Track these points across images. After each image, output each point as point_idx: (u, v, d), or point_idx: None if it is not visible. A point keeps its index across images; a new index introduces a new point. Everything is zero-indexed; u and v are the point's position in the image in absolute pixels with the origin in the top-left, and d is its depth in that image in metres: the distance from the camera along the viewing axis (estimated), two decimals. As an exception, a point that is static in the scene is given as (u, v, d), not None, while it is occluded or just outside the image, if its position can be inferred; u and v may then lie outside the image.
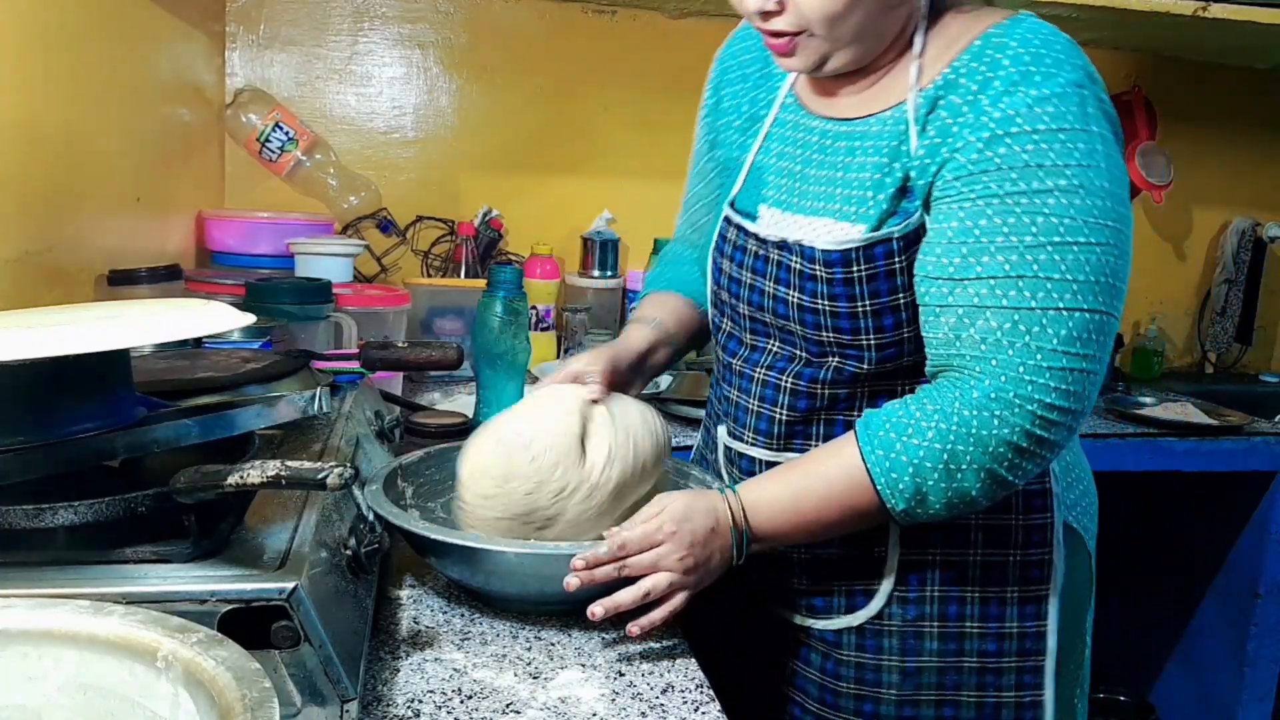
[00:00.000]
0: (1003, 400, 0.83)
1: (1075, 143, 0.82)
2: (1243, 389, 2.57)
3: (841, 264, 0.91)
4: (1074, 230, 0.82)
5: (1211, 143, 2.62)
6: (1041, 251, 0.82)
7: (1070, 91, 0.83)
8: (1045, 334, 0.83)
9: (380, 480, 0.97)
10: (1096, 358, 0.84)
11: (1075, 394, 0.83)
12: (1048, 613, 0.97)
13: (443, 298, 1.98)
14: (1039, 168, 0.82)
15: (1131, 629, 2.28)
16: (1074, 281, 0.82)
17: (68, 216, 1.30)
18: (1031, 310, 0.83)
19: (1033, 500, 0.97)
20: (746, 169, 1.03)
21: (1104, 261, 0.83)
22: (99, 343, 0.64)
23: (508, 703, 0.77)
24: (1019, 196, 0.83)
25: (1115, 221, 0.84)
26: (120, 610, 0.57)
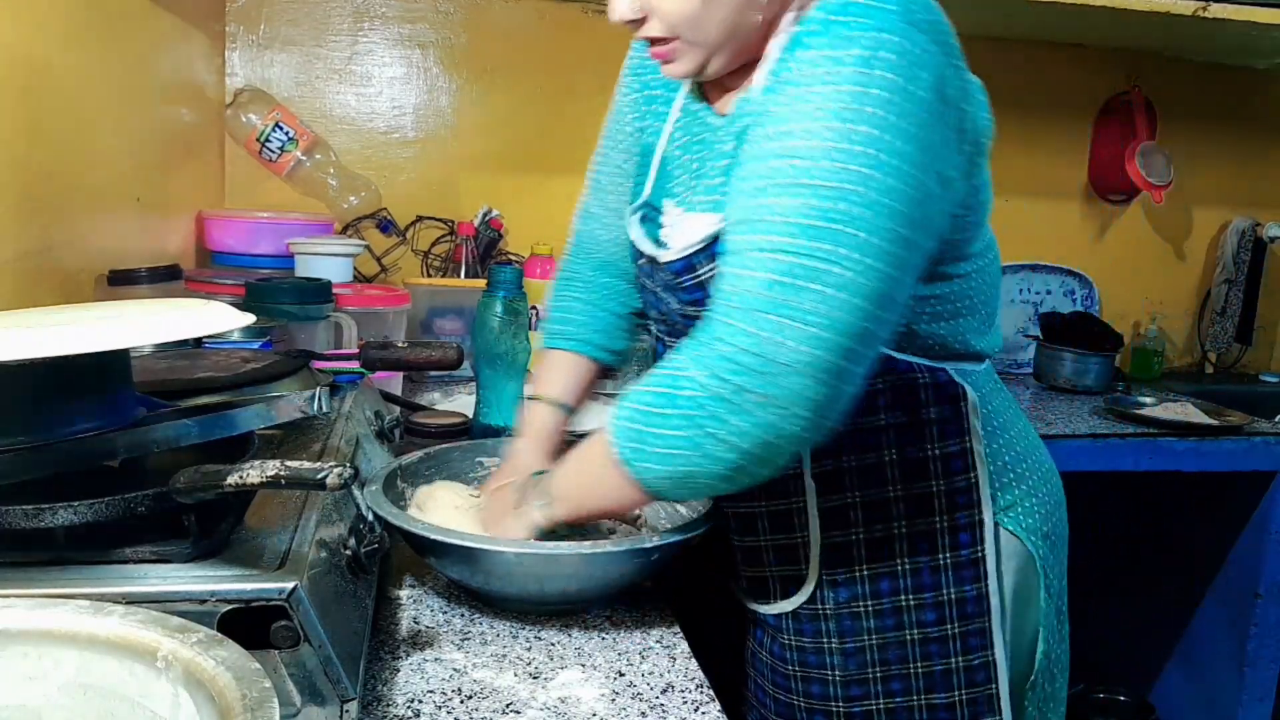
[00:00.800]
0: (702, 339, 0.79)
1: (842, 84, 0.76)
2: (1243, 389, 2.57)
3: (687, 271, 0.92)
4: (806, 172, 0.76)
5: (1211, 143, 2.63)
6: (767, 193, 0.78)
7: (863, 36, 0.77)
8: (748, 277, 0.78)
9: (380, 480, 0.97)
10: (810, 307, 0.76)
11: (777, 342, 0.76)
12: (986, 573, 0.95)
13: (443, 298, 1.98)
14: (794, 111, 0.78)
15: (1131, 629, 2.28)
16: (791, 223, 0.76)
17: (68, 216, 1.30)
18: (746, 252, 0.79)
19: (951, 462, 0.95)
20: (657, 161, 1.02)
21: (843, 206, 0.76)
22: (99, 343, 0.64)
23: (508, 703, 0.77)
24: (767, 141, 0.79)
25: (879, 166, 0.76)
26: (120, 610, 0.57)
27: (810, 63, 0.78)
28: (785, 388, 0.76)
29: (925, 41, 0.78)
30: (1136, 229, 2.66)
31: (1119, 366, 2.41)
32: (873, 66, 0.76)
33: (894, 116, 0.76)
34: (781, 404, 0.76)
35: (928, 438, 0.94)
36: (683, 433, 0.78)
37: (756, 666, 1.04)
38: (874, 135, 0.76)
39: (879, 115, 0.76)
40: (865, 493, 0.95)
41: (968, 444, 0.95)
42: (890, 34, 0.77)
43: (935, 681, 0.96)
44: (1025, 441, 1.03)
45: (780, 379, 0.76)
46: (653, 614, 0.95)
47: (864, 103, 0.76)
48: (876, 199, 0.76)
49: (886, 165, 0.76)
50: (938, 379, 0.94)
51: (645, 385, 0.83)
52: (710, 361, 0.78)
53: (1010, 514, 0.98)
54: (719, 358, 0.77)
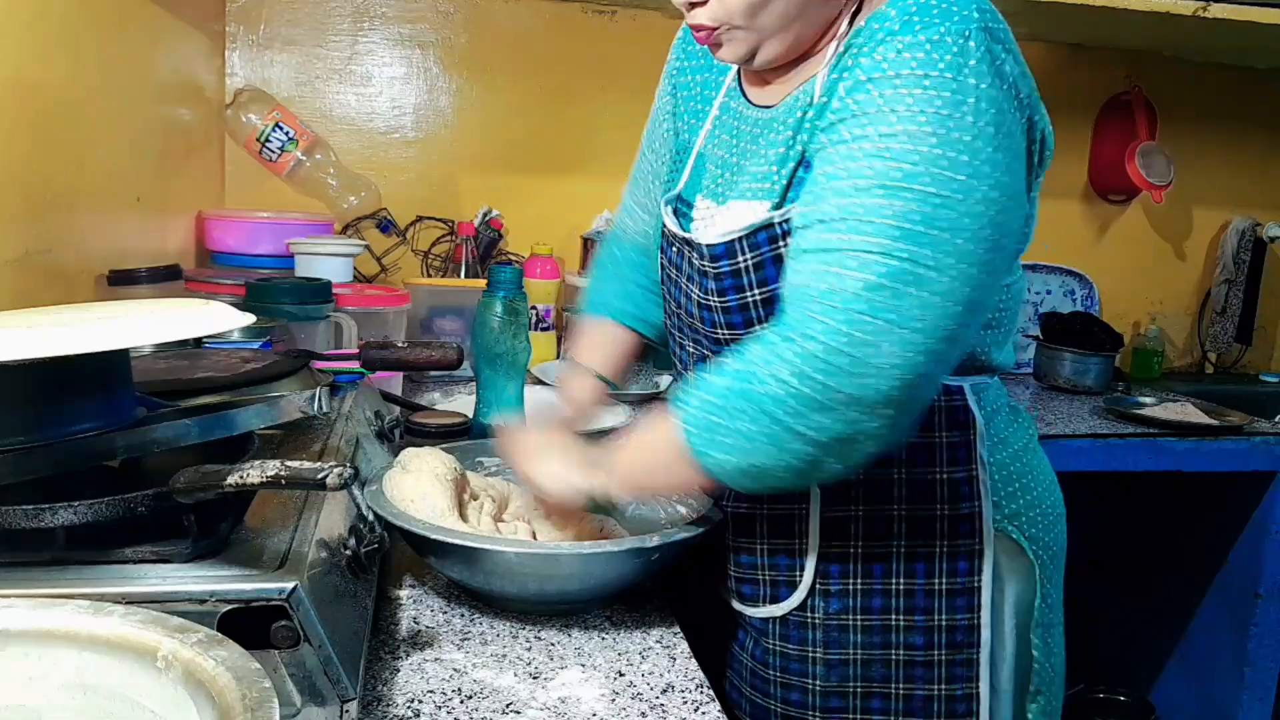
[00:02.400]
0: (786, 336, 0.78)
1: (941, 90, 0.77)
2: (1243, 389, 2.57)
3: (726, 256, 0.91)
4: (912, 176, 0.76)
5: (1211, 143, 2.63)
6: (869, 194, 0.77)
7: (949, 39, 0.77)
8: (849, 276, 0.77)
9: (380, 480, 0.97)
10: (909, 312, 0.76)
11: (872, 344, 0.75)
12: (980, 604, 0.95)
13: (443, 298, 1.98)
14: (891, 111, 0.77)
15: (1131, 629, 2.28)
16: (897, 226, 0.76)
17: (68, 216, 1.30)
18: (842, 251, 0.77)
19: (958, 488, 0.95)
20: (693, 158, 1.02)
21: (946, 211, 0.76)
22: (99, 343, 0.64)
23: (508, 703, 0.77)
24: (864, 140, 0.78)
25: (977, 174, 0.77)
26: (120, 610, 0.57)
27: (900, 63, 0.78)
28: (875, 389, 0.76)
29: (1001, 50, 0.80)
30: (1136, 229, 2.66)
31: (1119, 366, 2.41)
32: (965, 74, 0.77)
33: (989, 125, 0.77)
34: (868, 405, 0.77)
35: (937, 461, 0.94)
36: (760, 426, 0.78)
37: (735, 668, 1.04)
38: (973, 144, 0.77)
39: (976, 124, 0.77)
40: (869, 507, 0.95)
41: (975, 471, 0.95)
42: (975, 40, 0.78)
43: (915, 705, 0.96)
44: (1030, 455, 1.02)
45: (871, 381, 0.76)
46: (653, 614, 0.95)
47: (962, 110, 0.77)
48: (977, 206, 0.77)
49: (987, 174, 0.77)
50: (952, 402, 0.94)
51: (719, 375, 0.82)
52: (798, 358, 0.77)
53: (1015, 522, 0.98)
54: (809, 356, 0.77)
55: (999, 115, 0.78)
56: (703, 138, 1.02)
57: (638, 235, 1.17)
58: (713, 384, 0.82)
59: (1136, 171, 2.43)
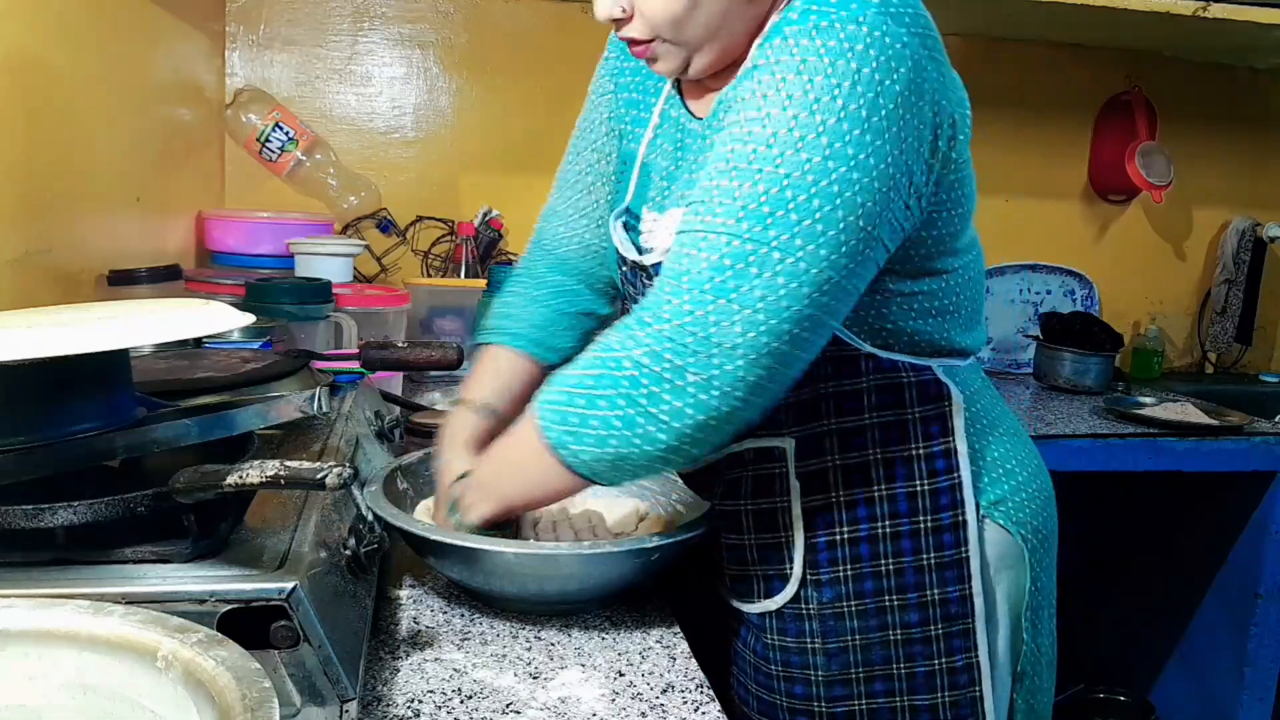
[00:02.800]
0: (639, 317, 0.79)
1: (814, 74, 0.76)
2: (1243, 389, 2.57)
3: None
4: (766, 158, 0.76)
5: (1211, 143, 2.63)
6: (725, 176, 0.78)
7: (838, 25, 0.77)
8: (698, 257, 0.78)
9: (380, 480, 0.97)
10: (752, 291, 0.76)
11: (716, 323, 0.76)
12: (969, 575, 0.95)
13: (443, 298, 1.98)
14: (762, 97, 0.78)
15: (1131, 629, 2.28)
16: (743, 207, 0.76)
17: (68, 216, 1.30)
18: (695, 233, 0.78)
19: (935, 462, 0.94)
20: (637, 169, 1.02)
21: (798, 193, 0.76)
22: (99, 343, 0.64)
23: (508, 703, 0.77)
24: (733, 126, 0.79)
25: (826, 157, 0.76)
26: (120, 610, 0.57)
27: (784, 50, 0.78)
28: (724, 370, 0.76)
29: (904, 34, 0.78)
30: (1136, 229, 2.66)
31: (1119, 366, 2.41)
32: (847, 58, 0.76)
33: (863, 108, 0.76)
34: (719, 386, 0.77)
35: (911, 437, 0.94)
36: (618, 411, 0.78)
37: (739, 665, 1.04)
38: (839, 126, 0.76)
39: (847, 107, 0.76)
40: (849, 492, 0.95)
41: (951, 444, 0.95)
42: (868, 25, 0.77)
43: (918, 683, 0.96)
44: (1013, 438, 1.02)
45: (719, 361, 0.76)
46: (653, 614, 0.95)
47: (833, 93, 0.76)
48: (832, 189, 0.76)
49: (847, 156, 0.76)
50: (922, 378, 0.94)
51: (576, 367, 0.82)
52: (650, 339, 0.78)
53: (1000, 508, 0.98)
54: (659, 336, 0.77)
55: (879, 98, 0.77)
56: (644, 148, 1.01)
57: (570, 242, 1.12)
58: (570, 374, 0.82)
59: (1136, 171, 2.43)
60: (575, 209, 1.12)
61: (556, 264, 1.14)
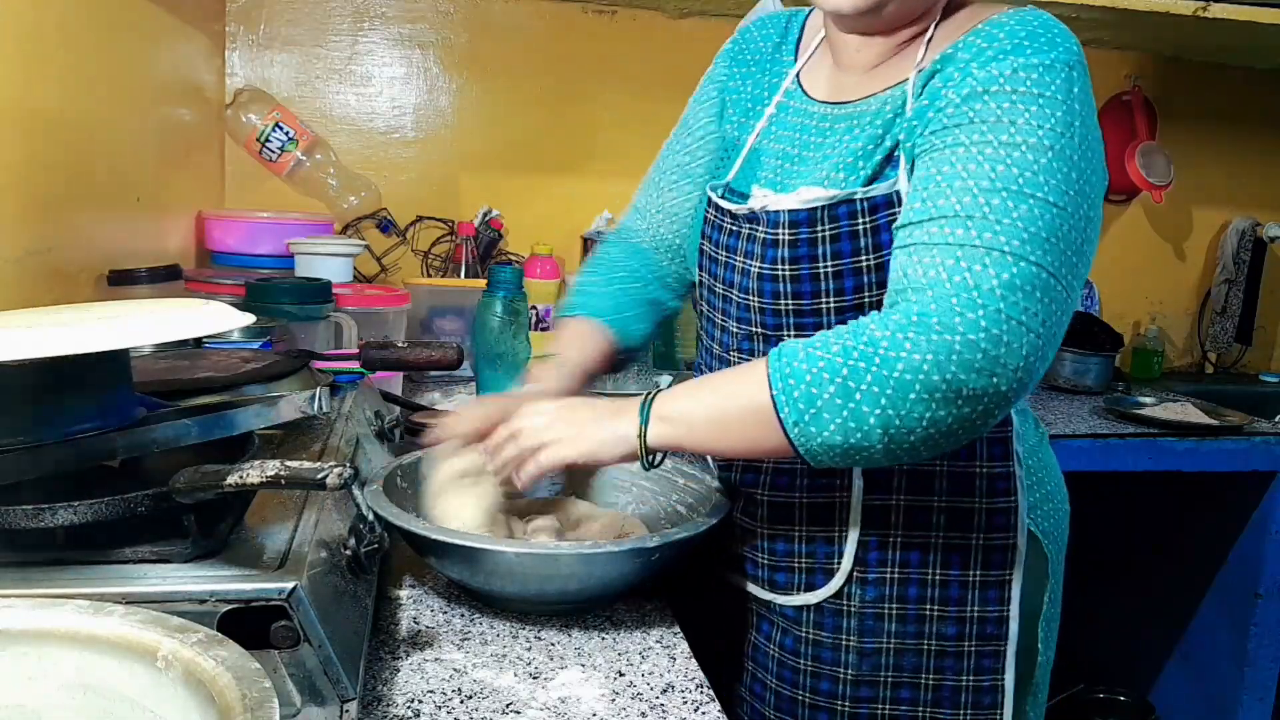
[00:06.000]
0: (923, 324, 0.78)
1: (1054, 110, 0.82)
2: (1243, 389, 2.58)
3: (806, 223, 0.92)
4: (1034, 185, 0.80)
5: (1211, 143, 2.63)
6: (996, 196, 0.80)
7: (1058, 65, 0.83)
8: (986, 273, 0.78)
9: (380, 480, 0.97)
10: (1036, 315, 0.78)
11: (1006, 344, 0.77)
12: (1010, 597, 0.97)
13: (443, 298, 1.98)
14: (1011, 123, 0.82)
15: (1131, 629, 2.28)
16: (1025, 230, 0.79)
17: (68, 216, 1.30)
18: (976, 248, 0.79)
19: (996, 483, 0.96)
20: (745, 152, 1.04)
21: (1061, 223, 0.80)
22: (99, 343, 0.64)
23: (508, 703, 0.77)
24: (985, 145, 0.82)
25: (1080, 194, 0.81)
26: (120, 610, 0.57)
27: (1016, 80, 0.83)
28: (996, 388, 0.78)
29: (1089, 85, 0.85)
30: (1136, 229, 2.66)
31: (1119, 366, 2.41)
32: (1070, 97, 0.83)
33: (1090, 148, 0.83)
34: (986, 403, 0.78)
35: (978, 455, 0.96)
36: (876, 411, 0.78)
37: (758, 660, 1.04)
38: (1079, 163, 0.82)
39: (1081, 145, 0.82)
40: (911, 498, 0.96)
41: (1012, 468, 0.97)
42: (1076, 70, 0.84)
43: (944, 696, 0.97)
44: (1043, 451, 1.04)
45: (996, 379, 0.78)
46: (653, 614, 0.95)
47: (1070, 130, 0.82)
48: (1081, 222, 0.82)
49: (1087, 193, 0.82)
50: None
51: (829, 349, 0.80)
52: (938, 349, 0.77)
53: (1031, 515, 0.99)
54: (948, 346, 0.77)
55: (1095, 143, 0.84)
56: (755, 134, 1.04)
57: (644, 235, 1.17)
58: (821, 356, 0.80)
59: (1136, 171, 2.43)
60: (658, 208, 1.16)
61: (632, 251, 1.18)
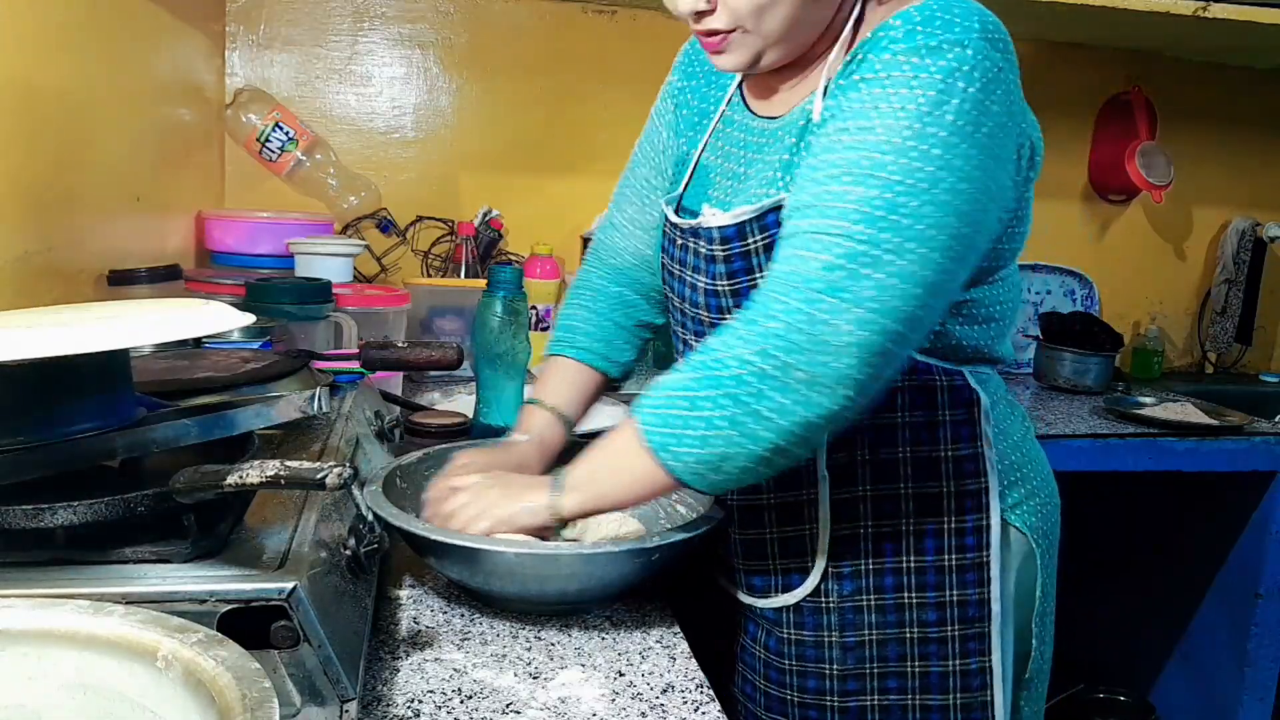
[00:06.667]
0: (748, 318, 0.81)
1: (925, 89, 0.80)
2: (1243, 389, 2.57)
3: (738, 238, 0.93)
4: (879, 165, 0.79)
5: (1211, 143, 2.62)
6: (837, 181, 0.81)
7: (945, 46, 0.81)
8: (809, 257, 0.80)
9: (380, 481, 0.97)
10: (864, 292, 0.78)
11: (827, 322, 0.78)
12: (988, 578, 0.96)
13: (443, 298, 1.98)
14: (874, 108, 0.81)
15: (1131, 629, 2.28)
16: (858, 210, 0.79)
17: (68, 216, 1.30)
18: (805, 234, 0.81)
19: (964, 465, 0.96)
20: (693, 167, 1.05)
21: (909, 199, 0.79)
22: (99, 343, 0.64)
23: (508, 703, 0.77)
24: (842, 134, 0.82)
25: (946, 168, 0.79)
26: (120, 610, 0.57)
27: (893, 65, 0.82)
28: (833, 368, 0.78)
29: (999, 59, 0.83)
30: (1136, 229, 2.66)
31: (1119, 366, 2.41)
32: (955, 77, 0.80)
33: (969, 125, 0.81)
34: (827, 383, 0.78)
35: (942, 439, 0.95)
36: (722, 411, 0.80)
37: (747, 661, 1.04)
38: (949, 140, 0.80)
39: (956, 122, 0.80)
40: (877, 487, 0.96)
41: (980, 449, 0.96)
42: (971, 48, 0.81)
43: (931, 682, 0.97)
44: (1029, 445, 1.04)
45: (829, 359, 0.78)
46: (653, 614, 0.95)
47: (944, 109, 0.80)
48: (943, 197, 0.80)
49: (956, 169, 0.80)
50: (954, 382, 0.96)
51: (679, 371, 0.84)
52: (759, 338, 0.79)
53: (1016, 511, 0.99)
54: (769, 334, 0.79)
55: (982, 116, 0.81)
56: (702, 148, 1.04)
57: (626, 254, 1.17)
58: (671, 380, 0.84)
59: (1136, 171, 2.43)
60: (633, 223, 1.16)
61: (614, 275, 1.18)
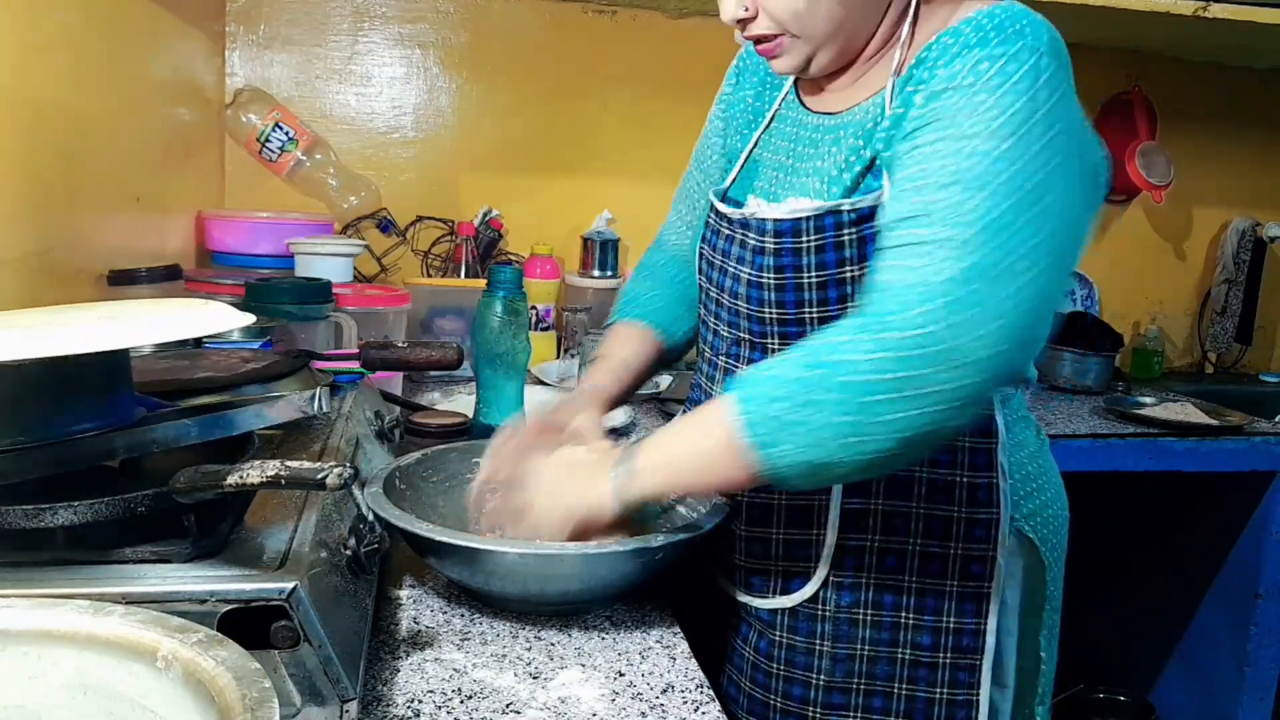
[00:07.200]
0: (874, 324, 0.77)
1: (1015, 100, 0.79)
2: (1243, 389, 2.58)
3: (791, 233, 0.92)
4: (989, 175, 0.77)
5: (1211, 143, 2.63)
6: (949, 190, 0.78)
7: (1023, 54, 0.80)
8: (937, 267, 0.77)
9: (380, 481, 0.97)
10: (996, 305, 0.75)
11: (961, 335, 0.75)
12: (987, 611, 0.96)
13: (443, 298, 1.98)
14: (969, 116, 0.79)
15: (1131, 629, 2.28)
16: (979, 221, 0.77)
17: (68, 216, 1.30)
18: (927, 244, 0.78)
19: (977, 493, 0.95)
20: (742, 161, 1.05)
21: (1020, 213, 0.77)
22: (99, 343, 0.64)
23: (508, 703, 0.77)
24: (941, 142, 0.80)
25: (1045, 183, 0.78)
26: (120, 610, 0.57)
27: (976, 73, 0.80)
28: (960, 383, 0.75)
29: (1065, 75, 0.82)
30: (1136, 229, 2.66)
31: (1119, 366, 2.41)
32: (1036, 86, 0.79)
33: (1057, 136, 0.79)
34: (950, 398, 0.75)
35: (959, 464, 0.95)
36: (834, 419, 0.76)
37: (734, 662, 1.04)
38: (1042, 152, 0.78)
39: (1046, 134, 0.79)
40: (889, 502, 0.95)
41: (995, 480, 0.96)
42: (1046, 58, 0.80)
43: (916, 707, 0.96)
44: (1044, 458, 1.04)
45: (957, 373, 0.75)
46: (653, 614, 0.95)
47: (1034, 118, 0.78)
48: (1050, 210, 0.78)
49: (1054, 182, 0.79)
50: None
51: (783, 367, 0.79)
52: (884, 344, 0.75)
53: (1030, 522, 0.99)
54: (897, 343, 0.75)
55: (1065, 131, 0.80)
56: (754, 143, 1.05)
57: (680, 249, 1.20)
58: (778, 375, 0.79)
59: (1136, 171, 2.43)
60: (686, 223, 1.20)
61: (671, 258, 1.21)
